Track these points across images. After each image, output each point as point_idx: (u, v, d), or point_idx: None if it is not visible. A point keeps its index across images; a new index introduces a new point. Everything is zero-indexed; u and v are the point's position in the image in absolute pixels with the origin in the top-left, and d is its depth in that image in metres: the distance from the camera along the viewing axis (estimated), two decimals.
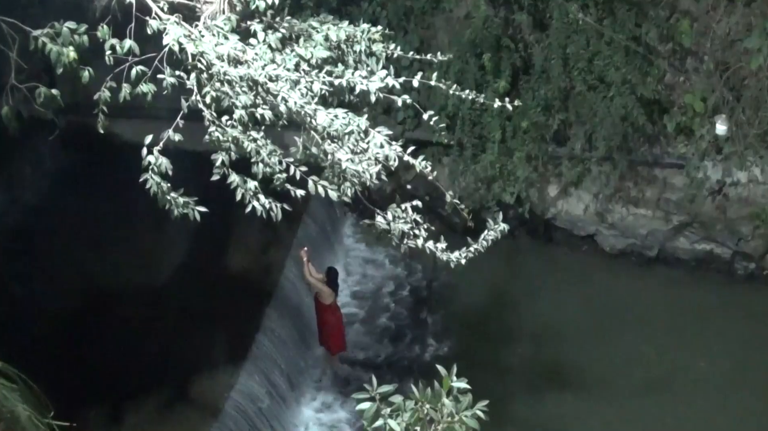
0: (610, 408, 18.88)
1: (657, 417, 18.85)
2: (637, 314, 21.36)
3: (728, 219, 22.50)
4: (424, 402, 6.96)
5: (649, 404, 19.08)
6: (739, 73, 21.22)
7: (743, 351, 20.67)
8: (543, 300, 21.40)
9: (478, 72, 21.04)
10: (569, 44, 20.68)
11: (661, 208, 22.57)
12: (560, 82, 20.85)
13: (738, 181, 22.18)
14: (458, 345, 20.26)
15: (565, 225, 23.22)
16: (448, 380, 7.09)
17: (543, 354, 19.90)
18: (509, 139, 21.28)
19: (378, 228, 9.04)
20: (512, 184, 21.61)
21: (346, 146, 8.29)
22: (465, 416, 6.96)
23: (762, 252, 22.88)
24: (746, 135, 21.40)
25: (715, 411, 19.13)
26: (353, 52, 9.41)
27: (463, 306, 21.38)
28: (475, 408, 7.05)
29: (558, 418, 18.60)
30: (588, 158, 21.82)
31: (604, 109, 20.73)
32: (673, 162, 22.18)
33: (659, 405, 19.08)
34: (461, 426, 6.95)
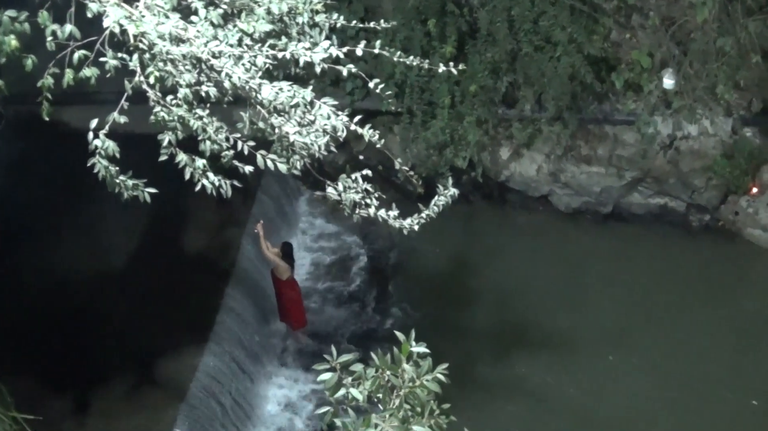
0: (574, 366, 19.01)
1: (621, 373, 19.01)
2: (595, 271, 21.52)
3: (681, 173, 22.65)
4: (384, 369, 6.97)
5: (612, 360, 19.23)
6: (685, 27, 21.29)
7: (703, 301, 20.89)
8: (502, 262, 21.50)
9: (424, 38, 21.04)
10: (514, 6, 20.68)
11: (614, 164, 22.68)
12: (507, 45, 20.84)
13: (689, 134, 22.34)
14: (420, 311, 20.32)
15: (519, 187, 23.28)
16: (407, 345, 7.10)
17: (505, 315, 19.98)
18: (458, 104, 21.28)
19: (329, 199, 9.02)
20: (464, 148, 21.62)
21: (293, 119, 8.24)
22: (426, 380, 6.97)
23: (716, 203, 23.07)
24: (695, 88, 21.51)
25: (680, 363, 19.32)
26: (296, 24, 9.33)
27: (423, 273, 21.44)
28: (436, 372, 7.07)
29: (523, 378, 18.72)
30: (538, 119, 21.90)
31: (552, 69, 20.78)
32: (623, 118, 22.31)
33: (623, 360, 19.25)
34: (423, 390, 6.97)
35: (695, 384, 18.86)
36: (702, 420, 18.09)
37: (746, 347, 19.86)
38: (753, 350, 19.80)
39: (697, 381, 18.92)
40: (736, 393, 18.76)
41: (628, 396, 18.49)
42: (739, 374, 19.22)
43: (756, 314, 20.74)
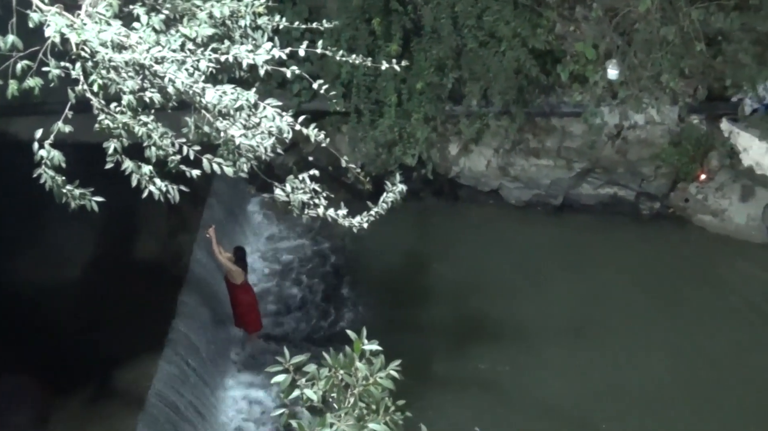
0: (530, 358, 19.09)
1: (577, 363, 19.10)
2: (548, 263, 21.65)
3: (629, 162, 22.84)
4: (337, 368, 6.97)
5: (567, 350, 19.35)
6: (629, 17, 21.45)
7: (657, 288, 21.13)
8: (455, 257, 21.57)
9: (369, 37, 21.09)
10: (457, 2, 20.79)
11: (562, 156, 22.82)
12: (451, 41, 20.93)
13: (636, 123, 22.53)
14: (375, 309, 20.33)
15: (470, 182, 23.37)
16: (359, 343, 7.10)
17: (460, 310, 20.04)
18: (405, 101, 21.36)
19: (278, 200, 9.02)
20: (412, 146, 21.72)
21: (238, 122, 8.24)
22: (379, 377, 6.97)
23: (666, 191, 23.28)
24: (640, 78, 21.70)
25: (636, 350, 19.48)
26: (239, 27, 9.32)
27: (377, 271, 21.46)
28: (389, 369, 7.07)
29: (480, 371, 18.77)
30: (485, 114, 22.01)
31: (497, 63, 20.88)
32: (570, 110, 22.48)
33: (579, 350, 19.38)
34: (377, 388, 6.97)
35: (652, 371, 19.02)
36: (662, 406, 18.21)
37: (701, 332, 20.02)
38: (708, 335, 19.97)
39: (654, 368, 19.09)
40: (692, 377, 18.93)
41: (585, 386, 18.57)
42: (694, 358, 19.39)
43: (709, 298, 20.99)
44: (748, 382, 18.84)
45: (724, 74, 22.07)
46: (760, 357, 19.46)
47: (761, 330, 20.15)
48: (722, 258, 22.37)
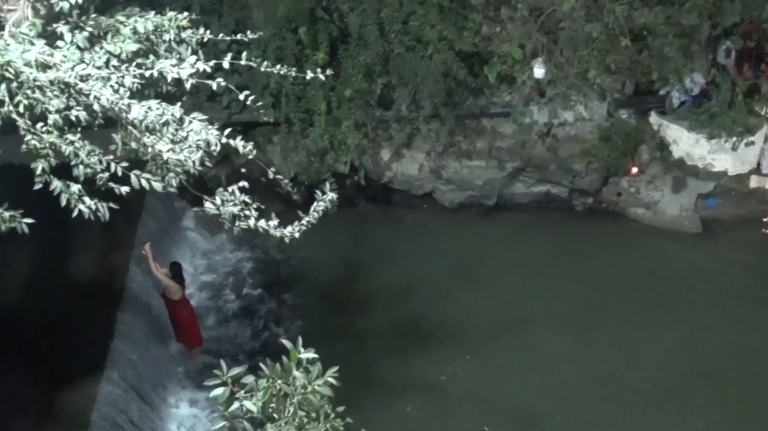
0: (470, 358, 19.14)
1: (516, 361, 19.18)
2: (484, 263, 21.77)
3: (561, 159, 23.02)
4: (275, 378, 6.96)
5: (507, 349, 19.43)
6: (554, 16, 21.62)
7: (594, 282, 21.31)
8: (392, 262, 21.61)
9: (296, 47, 21.06)
10: (383, 8, 20.81)
11: (494, 156, 22.95)
12: (378, 47, 20.96)
13: (565, 121, 22.70)
14: (315, 317, 20.28)
15: (403, 187, 23.45)
16: (296, 352, 7.10)
17: (400, 314, 20.06)
18: (335, 109, 21.37)
19: (209, 213, 8.98)
20: (344, 153, 21.74)
21: (165, 137, 8.20)
22: (317, 385, 6.98)
23: (598, 186, 23.52)
24: (567, 75, 21.86)
25: (577, 346, 19.59)
26: (163, 42, 9.29)
27: (316, 280, 21.42)
28: (326, 376, 7.07)
29: (422, 374, 18.77)
30: (416, 118, 22.06)
31: (425, 67, 20.92)
32: (500, 111, 22.61)
33: (518, 348, 19.47)
34: (316, 396, 6.98)
35: (592, 366, 19.16)
36: (602, 401, 18.34)
37: (639, 323, 20.25)
38: (645, 325, 20.21)
39: (594, 363, 19.23)
40: (630, 369, 19.10)
41: (526, 384, 18.65)
42: (632, 350, 19.56)
43: (645, 289, 21.27)
44: (685, 370, 19.08)
45: (651, 68, 22.31)
46: (699, 345, 19.72)
47: (699, 318, 20.53)
48: (657, 250, 22.66)
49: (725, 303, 20.97)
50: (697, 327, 20.26)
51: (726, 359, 19.44)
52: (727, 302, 21.00)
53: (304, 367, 7.12)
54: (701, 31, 22.58)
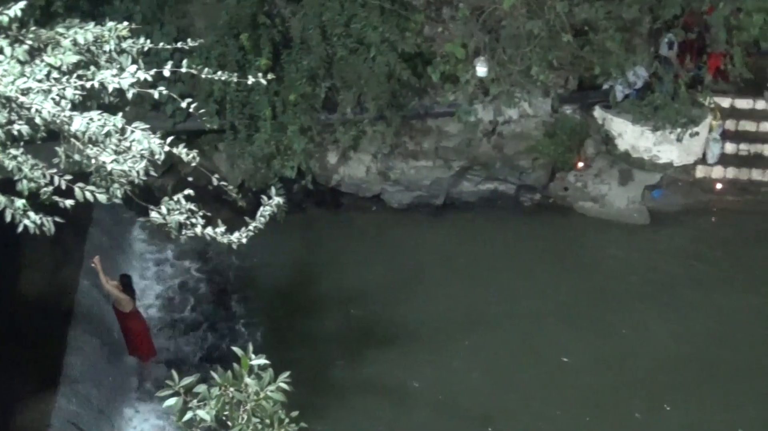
0: (423, 358, 19.14)
1: (470, 359, 19.22)
2: (435, 262, 21.82)
3: (507, 156, 23.13)
4: (227, 386, 6.94)
5: (459, 347, 19.46)
6: (495, 15, 21.73)
7: (544, 278, 21.40)
8: (343, 265, 21.59)
9: (238, 53, 20.99)
10: (324, 12, 20.83)
11: (440, 156, 23.03)
12: (321, 51, 20.98)
13: (510, 118, 22.83)
14: (269, 324, 20.21)
15: (351, 190, 23.46)
16: (246, 359, 7.07)
17: (352, 316, 20.09)
18: (280, 114, 21.30)
19: (155, 223, 8.91)
20: (291, 158, 21.68)
21: (108, 148, 8.14)
22: (270, 391, 6.95)
23: (545, 182, 23.66)
24: (510, 73, 21.97)
25: (531, 340, 19.68)
26: (104, 53, 9.22)
27: (268, 286, 21.35)
28: (278, 382, 7.05)
29: (377, 376, 18.74)
30: (361, 120, 22.07)
31: (368, 70, 20.95)
32: (445, 110, 22.67)
33: (470, 346, 19.50)
34: (269, 402, 6.95)
35: (549, 360, 19.22)
36: (561, 398, 18.41)
37: (591, 316, 20.44)
38: (597, 317, 20.41)
39: (551, 357, 19.31)
40: (585, 364, 19.24)
41: (483, 382, 18.69)
42: (592, 341, 19.81)
43: (598, 281, 21.48)
44: (643, 361, 19.27)
45: (593, 63, 22.46)
46: (653, 334, 19.96)
47: (652, 307, 20.83)
48: (606, 242, 22.88)
49: (676, 291, 21.29)
50: (650, 316, 20.56)
51: (681, 346, 19.76)
52: (677, 290, 21.35)
53: (256, 374, 7.09)
54: (642, 24, 22.86)
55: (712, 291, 21.29)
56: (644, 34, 23.35)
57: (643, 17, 22.75)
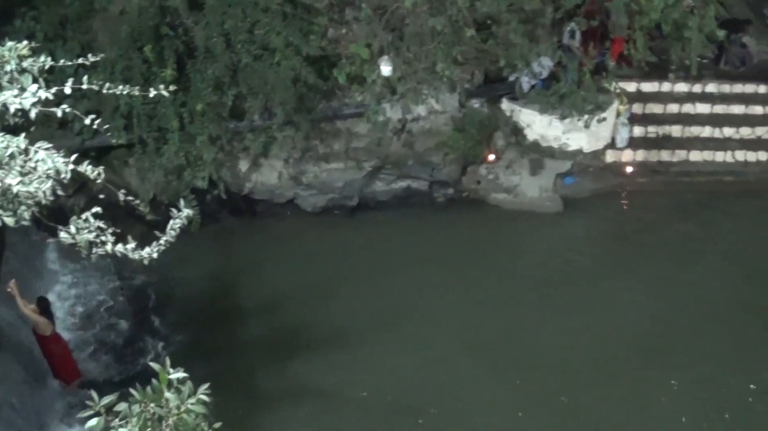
0: (350, 359, 19.10)
1: (396, 357, 19.20)
2: (353, 264, 21.85)
3: (418, 154, 23.25)
4: (147, 402, 6.87)
5: (385, 345, 19.45)
6: (398, 13, 21.86)
7: (461, 271, 21.54)
8: (261, 272, 21.51)
9: (143, 65, 20.84)
10: (227, 20, 20.77)
11: (352, 157, 23.07)
12: (226, 58, 20.90)
13: (419, 115, 22.95)
14: (191, 337, 20.04)
15: (264, 196, 23.41)
16: (165, 374, 7.01)
17: (275, 323, 19.95)
18: (188, 125, 21.19)
19: (64, 243, 8.80)
20: (201, 168, 21.58)
21: (14, 170, 8.03)
22: (190, 404, 6.90)
23: (457, 176, 23.82)
24: (416, 71, 22.13)
25: (452, 334, 19.74)
26: (5, 73, 9.10)
27: (188, 299, 21.17)
28: (198, 394, 7.00)
29: (305, 380, 18.64)
30: (270, 126, 22.04)
31: (274, 75, 20.93)
32: (353, 111, 22.76)
33: (396, 344, 19.49)
34: (190, 415, 6.90)
35: (475, 352, 19.29)
36: (490, 389, 18.46)
37: (514, 303, 20.66)
38: (519, 305, 20.63)
39: (476, 348, 19.38)
40: (517, 349, 19.42)
41: (411, 379, 18.67)
42: (514, 330, 19.95)
43: (515, 270, 21.77)
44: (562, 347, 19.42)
45: (498, 56, 22.66)
46: (574, 321, 20.19)
47: (571, 293, 21.10)
48: (521, 232, 23.17)
49: (591, 276, 21.64)
50: (576, 301, 20.84)
51: (613, 330, 20.05)
52: (599, 274, 21.80)
53: (176, 388, 7.03)
54: (545, 15, 23.14)
55: (634, 271, 21.74)
56: (547, 25, 23.62)
57: (545, 8, 23.03)
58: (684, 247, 22.85)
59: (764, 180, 25.80)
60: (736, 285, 21.52)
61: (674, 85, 26.79)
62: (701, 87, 27.04)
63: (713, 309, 20.60)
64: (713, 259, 22.45)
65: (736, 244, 23.09)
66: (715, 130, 26.42)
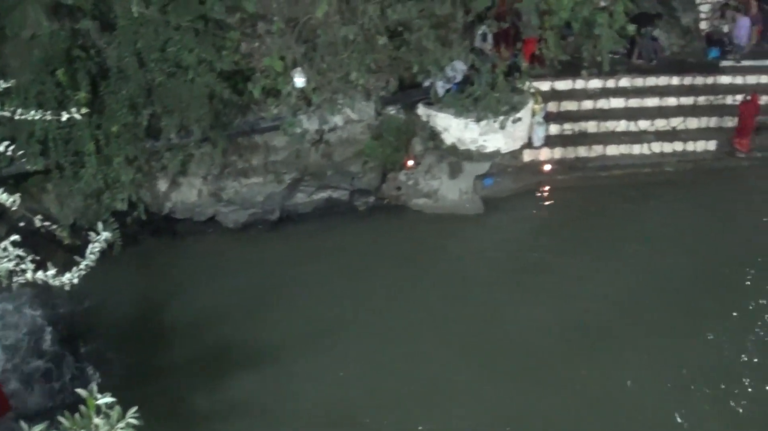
0: (283, 373, 18.97)
1: (332, 367, 19.11)
2: (280, 277, 21.71)
3: (336, 164, 23.28)
4: (76, 429, 6.83)
5: (317, 357, 19.35)
6: (310, 25, 21.88)
7: (387, 277, 21.60)
8: (187, 292, 21.31)
9: (56, 89, 20.54)
10: (139, 39, 20.59)
11: (271, 171, 23.04)
12: (139, 78, 20.74)
13: (335, 125, 22.99)
14: (121, 361, 19.79)
15: (185, 215, 23.26)
16: (92, 399, 6.97)
17: (207, 342, 19.74)
18: (105, 147, 20.94)
19: None
20: (120, 190, 21.36)
21: None
22: (120, 428, 6.87)
23: (377, 184, 23.88)
24: (330, 81, 22.15)
25: (385, 342, 19.71)
26: None
27: (115, 324, 20.89)
28: (127, 418, 6.96)
29: (240, 396, 18.52)
30: (187, 144, 21.89)
31: (188, 92, 20.83)
32: (270, 124, 22.73)
33: (332, 354, 19.39)
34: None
35: (416, 357, 19.32)
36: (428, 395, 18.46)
37: (442, 306, 20.73)
38: (447, 307, 20.71)
39: (408, 355, 19.37)
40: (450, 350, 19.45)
41: (345, 390, 18.59)
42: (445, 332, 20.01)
43: (439, 273, 21.84)
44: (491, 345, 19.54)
45: (411, 62, 22.76)
46: (501, 317, 20.37)
47: (497, 291, 21.22)
48: (443, 235, 23.27)
49: (514, 274, 21.83)
50: (499, 300, 20.94)
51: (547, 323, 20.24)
52: (516, 272, 21.92)
53: (104, 413, 6.99)
54: (456, 19, 23.30)
55: (546, 271, 21.81)
56: (459, 29, 23.79)
57: (456, 12, 23.19)
58: (605, 238, 23.23)
59: (681, 170, 26.31)
60: (653, 270, 21.99)
61: (588, 81, 27.19)
62: (615, 82, 27.50)
63: (632, 296, 21.03)
64: (634, 247, 22.88)
65: (655, 232, 23.53)
66: (630, 124, 26.90)
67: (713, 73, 28.92)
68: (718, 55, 29.97)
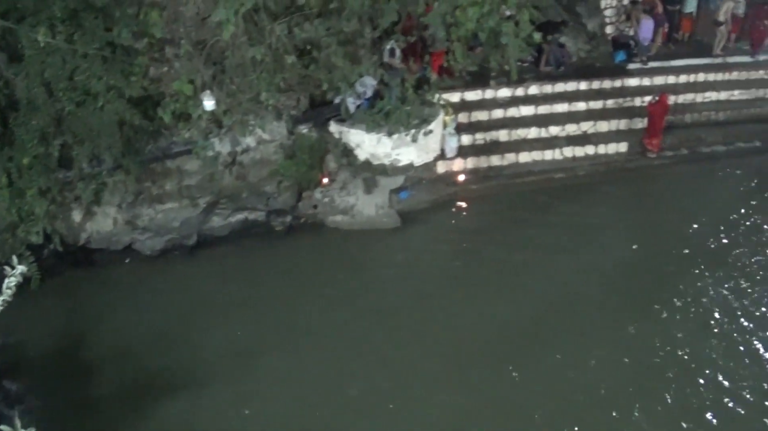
0: (217, 396, 18.82)
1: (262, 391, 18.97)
2: (200, 302, 21.56)
3: (251, 185, 23.24)
4: None
5: (254, 379, 19.22)
6: (218, 47, 21.80)
7: (309, 297, 21.63)
8: (110, 323, 20.99)
9: None
10: (46, 69, 20.26)
11: (185, 195, 22.90)
12: (49, 108, 20.42)
13: (248, 146, 22.94)
14: (46, 398, 19.42)
15: (102, 245, 22.97)
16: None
17: (133, 371, 19.41)
18: (17, 179, 20.58)
19: None
20: (34, 223, 21.01)
21: None
22: None
23: (293, 203, 23.89)
24: (240, 102, 22.09)
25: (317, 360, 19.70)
26: None
27: (38, 359, 20.47)
28: None
29: (168, 422, 18.34)
30: (99, 173, 21.66)
31: (98, 120, 20.58)
32: (182, 149, 22.61)
33: (260, 378, 19.24)
34: None
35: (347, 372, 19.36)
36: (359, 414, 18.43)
37: (363, 323, 20.80)
38: (368, 324, 20.83)
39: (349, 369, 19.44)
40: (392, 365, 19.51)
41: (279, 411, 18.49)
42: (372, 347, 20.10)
43: (358, 289, 21.88)
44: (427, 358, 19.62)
45: (321, 80, 22.77)
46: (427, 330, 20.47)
47: (419, 305, 21.38)
48: (361, 251, 23.37)
49: (436, 283, 21.97)
50: (424, 309, 21.09)
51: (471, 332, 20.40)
52: (438, 282, 22.08)
53: None
54: (364, 35, 23.34)
55: (481, 271, 22.18)
56: (367, 45, 23.86)
57: (363, 28, 23.24)
58: (522, 244, 23.53)
59: (593, 173, 26.73)
60: (576, 270, 22.50)
61: (497, 91, 27.49)
62: (524, 90, 27.85)
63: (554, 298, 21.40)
64: (550, 250, 23.30)
65: (571, 234, 23.97)
66: (541, 130, 27.27)
67: (621, 76, 29.49)
68: (624, 58, 30.55)
